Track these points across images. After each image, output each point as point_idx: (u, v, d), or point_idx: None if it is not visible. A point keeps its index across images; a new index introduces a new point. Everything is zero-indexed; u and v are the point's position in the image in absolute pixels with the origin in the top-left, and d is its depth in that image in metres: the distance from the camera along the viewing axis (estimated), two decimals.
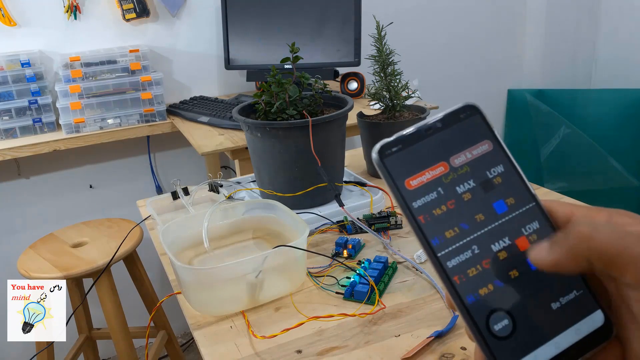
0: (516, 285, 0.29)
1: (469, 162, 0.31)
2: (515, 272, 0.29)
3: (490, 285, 0.29)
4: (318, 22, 1.83)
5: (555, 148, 2.48)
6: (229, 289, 0.71)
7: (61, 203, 1.95)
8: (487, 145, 0.31)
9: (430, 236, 0.30)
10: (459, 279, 0.29)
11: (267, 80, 0.90)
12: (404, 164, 0.30)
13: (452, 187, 0.30)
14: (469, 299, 0.29)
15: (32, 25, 1.76)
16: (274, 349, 0.62)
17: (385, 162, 0.30)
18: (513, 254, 0.30)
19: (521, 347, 0.28)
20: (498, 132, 0.31)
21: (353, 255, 0.81)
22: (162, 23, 1.93)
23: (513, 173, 0.31)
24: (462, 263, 0.29)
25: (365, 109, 1.58)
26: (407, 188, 0.30)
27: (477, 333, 0.29)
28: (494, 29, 2.52)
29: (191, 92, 2.01)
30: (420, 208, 0.30)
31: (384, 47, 1.02)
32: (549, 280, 0.29)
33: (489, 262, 0.30)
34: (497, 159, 0.31)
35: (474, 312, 0.29)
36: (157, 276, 2.03)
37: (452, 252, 0.29)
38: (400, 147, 0.30)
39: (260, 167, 0.94)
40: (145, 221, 1.00)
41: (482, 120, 0.31)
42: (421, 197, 0.30)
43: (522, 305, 0.29)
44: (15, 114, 1.67)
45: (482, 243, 0.30)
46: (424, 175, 0.30)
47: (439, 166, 0.30)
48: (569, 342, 0.29)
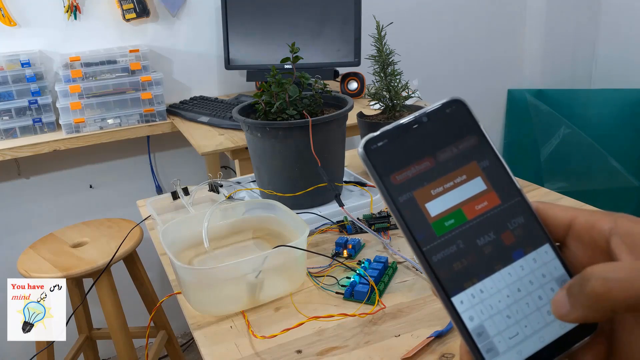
0: (500, 280, 0.29)
1: (455, 156, 0.30)
2: (499, 266, 0.29)
3: (474, 279, 0.29)
4: (318, 22, 1.83)
5: (555, 148, 2.48)
6: (229, 289, 0.71)
7: (61, 203, 1.95)
8: (473, 140, 0.31)
9: (416, 231, 0.29)
10: (445, 273, 0.29)
11: (267, 80, 0.90)
12: (390, 159, 0.30)
13: (438, 182, 0.30)
14: (454, 294, 0.29)
15: (32, 25, 1.76)
16: (274, 349, 0.62)
17: (371, 156, 0.30)
18: (498, 249, 0.30)
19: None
20: (484, 127, 0.31)
21: (353, 255, 0.81)
22: (162, 23, 1.93)
23: (499, 168, 0.31)
24: (447, 257, 0.29)
25: (365, 109, 1.58)
26: (393, 183, 0.30)
27: (462, 327, 0.28)
28: (494, 29, 2.52)
29: (191, 92, 2.01)
30: (405, 203, 0.30)
31: (384, 47, 1.02)
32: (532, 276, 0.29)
33: (474, 256, 0.29)
34: (484, 154, 0.31)
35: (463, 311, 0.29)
36: (157, 276, 2.03)
37: (437, 247, 0.29)
38: (386, 142, 0.30)
39: (260, 167, 0.94)
40: (145, 221, 1.00)
41: (468, 115, 0.31)
42: (407, 192, 0.30)
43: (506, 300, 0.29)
44: (15, 114, 1.67)
45: (467, 238, 0.30)
46: (410, 170, 0.30)
47: (424, 161, 0.30)
48: (554, 335, 0.28)
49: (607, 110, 2.50)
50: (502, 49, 2.58)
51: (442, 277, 0.29)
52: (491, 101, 2.65)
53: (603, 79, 2.67)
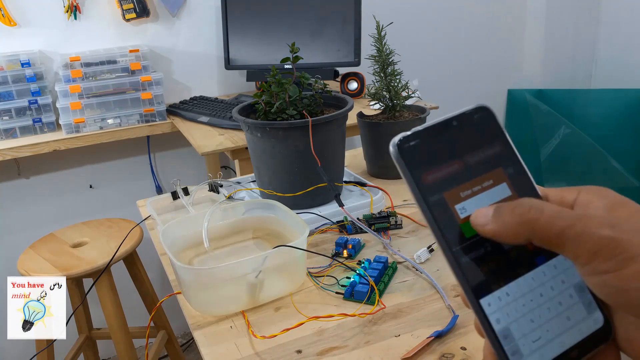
0: (524, 285, 0.30)
1: (482, 161, 0.31)
2: (524, 270, 0.30)
3: (501, 282, 0.30)
4: (318, 22, 1.83)
5: (555, 148, 2.48)
6: (229, 289, 0.71)
7: (61, 203, 1.95)
8: (499, 147, 0.32)
9: (446, 231, 0.30)
10: (473, 275, 0.29)
11: (267, 80, 0.90)
12: (421, 159, 0.31)
13: (466, 185, 0.31)
14: (482, 295, 0.29)
15: (32, 25, 1.76)
16: (274, 349, 0.62)
17: (404, 155, 0.30)
18: (522, 254, 0.30)
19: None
20: (507, 134, 0.32)
21: (353, 255, 0.81)
22: (162, 23, 1.93)
23: (523, 175, 0.32)
24: (475, 260, 0.30)
25: (365, 109, 1.58)
26: (424, 182, 0.30)
27: (489, 329, 0.29)
28: (494, 29, 2.52)
29: (191, 92, 2.01)
30: (436, 203, 0.30)
31: (384, 47, 1.02)
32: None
33: (500, 260, 0.30)
34: (509, 161, 0.32)
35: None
36: (157, 276, 2.03)
37: (466, 249, 0.30)
38: (417, 142, 0.31)
39: (260, 167, 0.94)
40: (145, 221, 1.00)
41: (494, 122, 0.32)
42: (437, 193, 0.30)
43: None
44: (15, 114, 1.67)
45: (494, 241, 0.30)
46: (440, 171, 0.30)
47: (454, 163, 0.31)
48: (573, 341, 0.29)
49: (607, 110, 2.50)
50: (502, 49, 2.58)
51: (471, 278, 0.29)
52: (491, 101, 2.63)
53: (603, 79, 2.67)
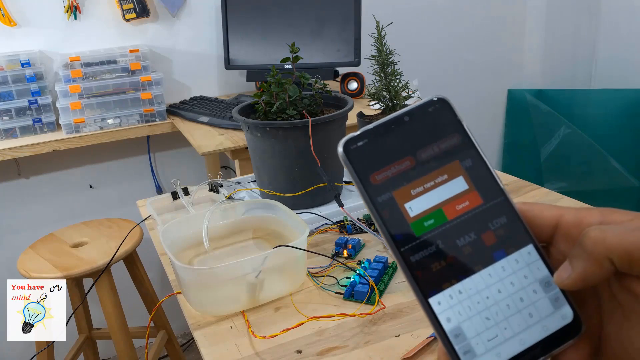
0: (480, 281, 0.29)
1: (436, 156, 0.30)
2: (479, 267, 0.29)
3: (453, 280, 0.29)
4: (318, 22, 1.83)
5: (555, 148, 2.48)
6: (229, 289, 0.71)
7: (61, 203, 1.95)
8: (455, 139, 0.30)
9: (394, 231, 0.29)
10: (422, 274, 0.29)
11: (267, 80, 0.90)
12: (370, 159, 0.30)
13: (417, 182, 0.30)
14: (431, 294, 0.29)
15: (32, 25, 1.76)
16: (274, 349, 0.62)
17: (350, 156, 0.30)
18: (478, 249, 0.29)
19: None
20: (467, 125, 0.31)
21: (353, 255, 0.81)
22: (162, 23, 1.93)
23: (482, 167, 0.30)
24: (425, 258, 0.29)
25: (365, 109, 1.58)
26: (372, 183, 0.29)
27: (439, 328, 0.28)
28: (494, 29, 2.52)
29: (191, 92, 2.01)
30: (384, 203, 0.29)
31: (384, 47, 1.02)
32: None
33: (453, 257, 0.29)
34: (466, 153, 0.30)
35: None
36: (157, 276, 2.03)
37: (415, 247, 0.29)
38: (366, 142, 0.30)
39: (260, 167, 0.94)
40: (145, 221, 1.00)
41: (451, 113, 0.31)
42: (386, 192, 0.29)
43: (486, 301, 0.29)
44: (15, 114, 1.67)
45: (447, 238, 0.29)
46: (390, 170, 0.30)
47: (405, 160, 0.30)
48: (535, 338, 0.28)
49: (607, 110, 2.50)
50: (502, 49, 2.58)
51: (420, 277, 0.29)
52: (491, 101, 2.65)
53: (603, 79, 2.67)
